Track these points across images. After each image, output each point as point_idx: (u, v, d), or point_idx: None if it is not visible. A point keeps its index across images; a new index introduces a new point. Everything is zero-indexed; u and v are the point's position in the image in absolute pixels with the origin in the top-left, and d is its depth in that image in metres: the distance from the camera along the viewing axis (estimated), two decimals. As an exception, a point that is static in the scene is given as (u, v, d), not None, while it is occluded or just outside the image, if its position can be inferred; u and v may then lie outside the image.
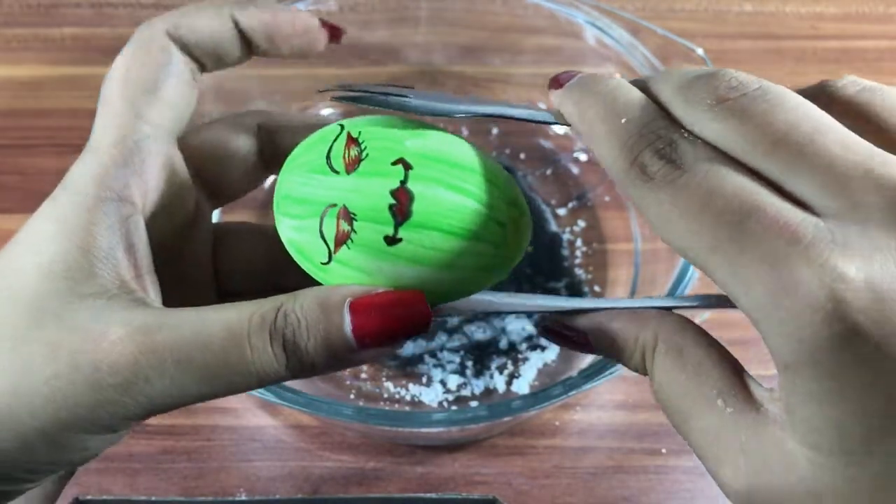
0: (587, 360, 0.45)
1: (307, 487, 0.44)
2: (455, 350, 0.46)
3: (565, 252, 0.49)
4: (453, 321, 0.47)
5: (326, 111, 0.54)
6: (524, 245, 0.25)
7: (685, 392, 0.21)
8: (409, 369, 0.46)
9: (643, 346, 0.22)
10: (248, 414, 0.46)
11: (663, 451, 0.45)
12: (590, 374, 0.37)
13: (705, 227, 0.19)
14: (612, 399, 0.46)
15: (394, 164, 0.22)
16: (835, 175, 0.18)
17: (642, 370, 0.23)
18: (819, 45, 0.60)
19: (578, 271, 0.49)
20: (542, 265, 0.49)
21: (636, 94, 0.22)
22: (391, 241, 0.22)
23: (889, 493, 0.18)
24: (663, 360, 0.22)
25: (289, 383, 0.43)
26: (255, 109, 0.30)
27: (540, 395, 0.37)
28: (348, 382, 0.46)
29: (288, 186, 0.24)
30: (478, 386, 0.45)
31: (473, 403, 0.45)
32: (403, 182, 0.22)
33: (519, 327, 0.47)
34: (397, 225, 0.22)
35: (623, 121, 0.21)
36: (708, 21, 0.61)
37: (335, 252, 0.22)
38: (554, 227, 0.50)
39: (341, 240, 0.22)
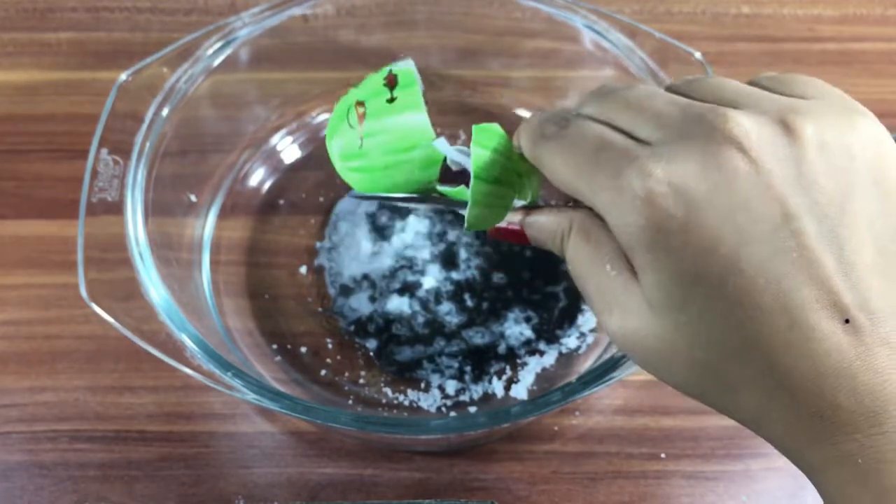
0: (586, 365, 0.45)
1: (305, 494, 0.43)
2: (453, 355, 0.46)
3: (564, 256, 0.49)
4: (451, 326, 0.47)
5: (324, 116, 0.54)
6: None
7: (587, 260, 0.28)
8: (407, 375, 0.46)
9: (562, 231, 0.30)
10: (246, 420, 0.45)
11: (663, 455, 0.44)
12: (589, 380, 0.37)
13: (576, 159, 0.28)
14: (612, 404, 0.46)
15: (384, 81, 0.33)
16: (661, 118, 0.27)
17: (560, 252, 0.30)
18: (817, 48, 0.60)
19: (577, 275, 0.49)
20: (541, 269, 0.48)
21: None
22: (391, 100, 0.32)
23: (697, 337, 0.25)
24: (574, 239, 0.29)
25: (286, 389, 0.43)
26: None
27: (539, 401, 0.36)
28: (346, 388, 0.46)
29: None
30: (476, 391, 0.45)
31: (472, 409, 0.45)
32: (389, 72, 0.33)
33: (517, 332, 0.46)
34: (391, 89, 0.33)
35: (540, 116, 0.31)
36: (706, 24, 0.61)
37: (361, 126, 0.33)
38: (552, 230, 0.50)
39: (361, 117, 0.33)
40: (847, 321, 0.24)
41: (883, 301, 0.24)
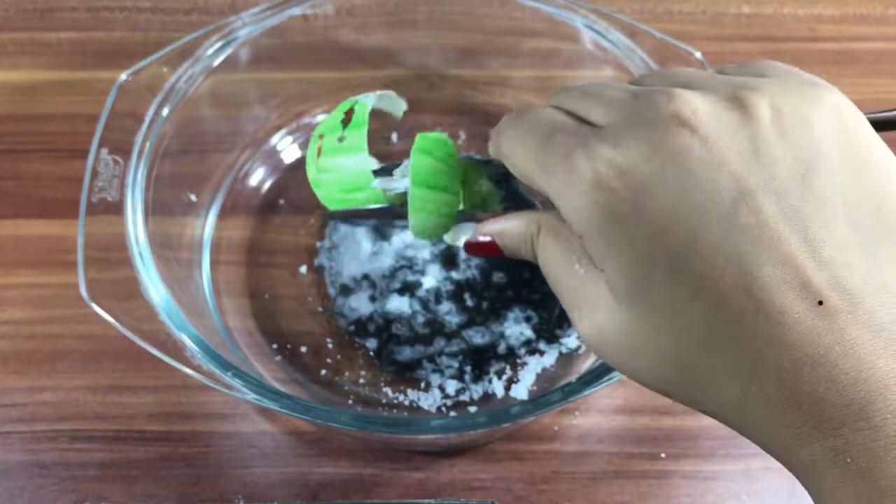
0: (586, 365, 0.45)
1: (305, 494, 0.43)
2: (453, 355, 0.46)
3: (564, 256, 0.49)
4: (451, 326, 0.47)
5: (324, 116, 0.54)
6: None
7: (557, 261, 0.28)
8: (407, 374, 0.46)
9: (531, 234, 0.29)
10: (246, 420, 0.45)
11: (663, 455, 0.44)
12: (589, 380, 0.37)
13: (531, 144, 0.27)
14: (612, 404, 0.46)
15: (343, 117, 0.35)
16: (612, 102, 0.26)
17: (532, 256, 0.30)
18: (817, 47, 0.60)
19: (577, 275, 0.49)
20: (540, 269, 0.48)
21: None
22: (341, 139, 0.34)
23: (662, 327, 0.24)
24: (544, 240, 0.28)
25: (286, 389, 0.43)
26: None
27: (539, 400, 0.36)
28: (346, 388, 0.46)
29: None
30: (476, 391, 0.45)
31: (472, 408, 0.45)
32: (350, 108, 0.35)
33: (518, 332, 0.46)
34: (344, 127, 0.34)
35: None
36: (706, 23, 0.61)
37: (318, 160, 0.34)
38: (552, 230, 0.50)
39: (319, 151, 0.34)
40: (820, 303, 0.22)
41: (860, 279, 0.22)
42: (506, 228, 0.31)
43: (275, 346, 0.47)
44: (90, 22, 0.60)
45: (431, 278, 0.48)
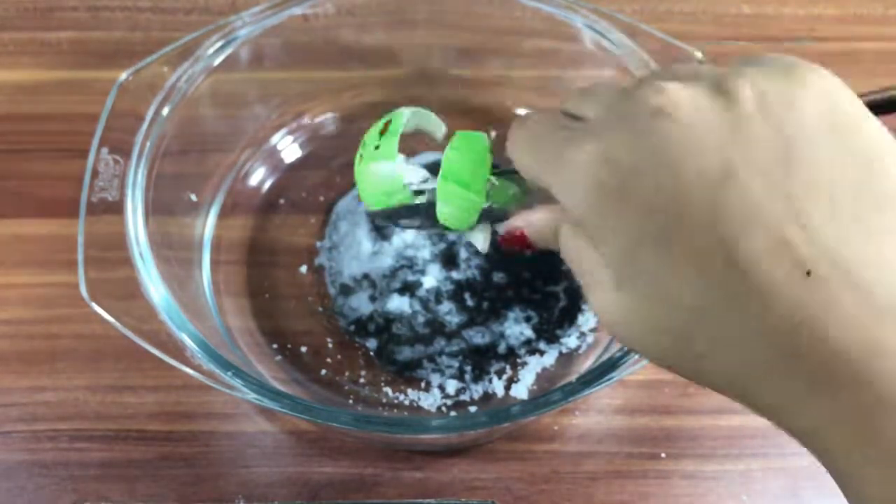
0: (586, 365, 0.45)
1: (306, 493, 0.43)
2: (453, 355, 0.46)
3: (564, 256, 0.49)
4: (451, 326, 0.47)
5: (324, 116, 0.54)
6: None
7: (575, 248, 0.28)
8: (407, 374, 0.46)
9: (555, 226, 0.30)
10: (247, 420, 0.45)
11: (663, 455, 0.44)
12: (589, 380, 0.37)
13: (533, 143, 0.29)
14: (612, 404, 0.46)
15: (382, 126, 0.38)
16: (602, 98, 0.28)
17: (556, 246, 0.31)
18: (817, 48, 0.60)
19: (577, 275, 0.49)
20: (541, 268, 0.48)
21: None
22: (377, 147, 0.36)
23: (656, 303, 0.25)
24: (565, 230, 0.29)
25: (286, 389, 0.43)
26: None
27: (539, 400, 0.37)
28: (346, 388, 0.46)
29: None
30: (476, 391, 0.45)
31: (472, 408, 0.45)
32: (386, 122, 0.37)
33: (518, 332, 0.46)
34: (381, 136, 0.37)
35: None
36: (706, 23, 0.61)
37: (359, 165, 0.37)
38: (552, 230, 0.50)
39: (360, 159, 0.37)
40: (808, 273, 0.23)
41: (847, 249, 0.23)
42: (533, 221, 0.33)
43: (275, 345, 0.47)
44: (90, 22, 0.60)
45: (431, 278, 0.48)
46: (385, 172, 0.36)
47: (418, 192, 0.37)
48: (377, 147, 0.37)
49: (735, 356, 0.24)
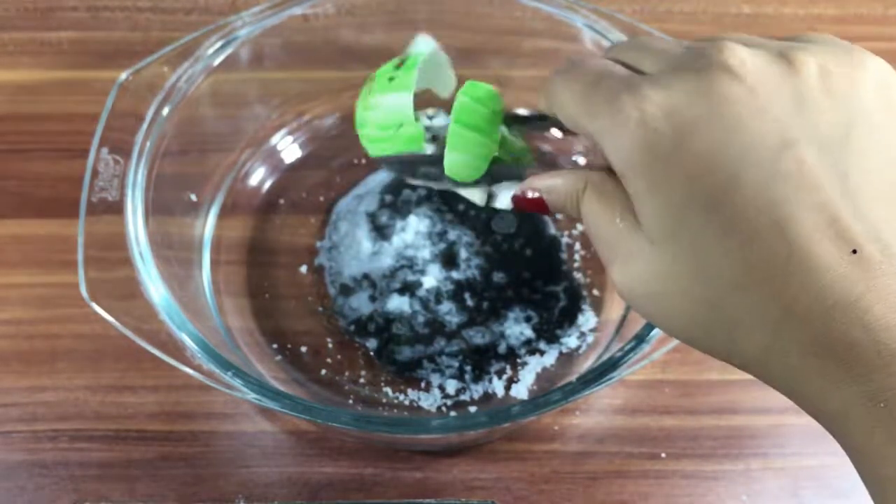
0: (586, 365, 0.45)
1: (306, 493, 0.43)
2: (454, 355, 0.46)
3: (564, 255, 0.49)
4: (451, 326, 0.47)
5: (324, 116, 0.54)
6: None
7: (598, 216, 0.28)
8: (407, 374, 0.46)
9: (577, 191, 0.30)
10: (247, 420, 0.45)
11: (663, 455, 0.44)
12: (589, 380, 0.37)
13: (579, 87, 0.28)
14: (612, 404, 0.46)
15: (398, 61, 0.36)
16: (664, 53, 0.28)
17: (576, 212, 0.30)
18: (818, 47, 0.60)
19: (577, 275, 0.49)
20: (541, 268, 0.48)
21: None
22: (391, 79, 0.35)
23: (694, 268, 0.25)
24: (588, 196, 0.29)
25: (286, 388, 0.43)
26: None
27: (539, 400, 0.36)
28: (346, 388, 0.46)
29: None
30: (476, 391, 0.45)
31: (472, 408, 0.45)
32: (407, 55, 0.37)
33: (518, 332, 0.46)
34: (397, 69, 0.35)
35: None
36: (707, 23, 0.61)
37: (367, 99, 0.36)
38: (552, 230, 0.50)
39: (368, 90, 0.36)
40: (854, 251, 0.23)
41: (895, 232, 0.23)
42: (554, 185, 0.31)
43: (275, 345, 0.47)
44: (90, 22, 0.60)
45: (431, 278, 0.48)
46: (394, 105, 0.34)
47: (429, 134, 0.35)
48: (392, 79, 0.35)
49: (767, 331, 0.24)
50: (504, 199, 0.35)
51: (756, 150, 0.24)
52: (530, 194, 0.32)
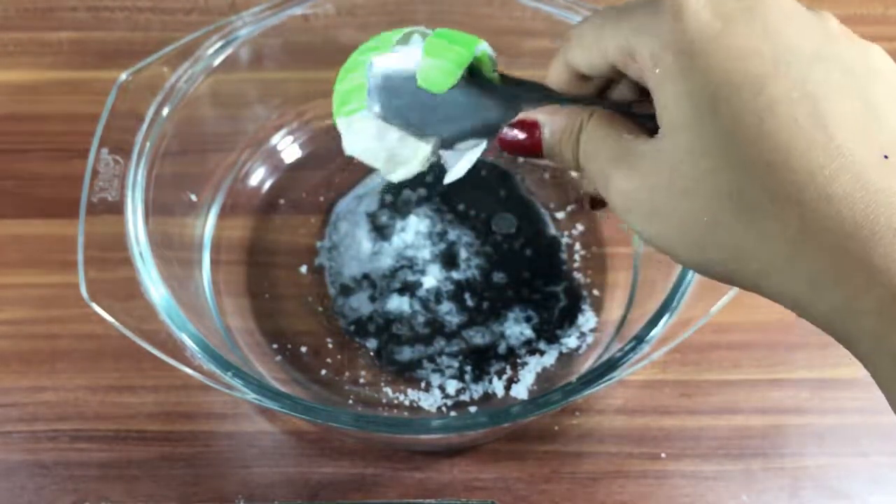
0: (586, 365, 0.45)
1: (306, 493, 0.43)
2: (453, 355, 0.46)
3: (564, 256, 0.49)
4: (451, 326, 0.47)
5: (324, 116, 0.54)
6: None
7: (605, 135, 0.28)
8: (407, 374, 0.46)
9: (580, 122, 0.29)
10: (247, 420, 0.45)
11: (663, 455, 0.44)
12: (589, 380, 0.37)
13: (612, 11, 0.28)
14: (612, 404, 0.46)
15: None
16: None
17: (570, 150, 0.29)
18: (817, 47, 0.60)
19: (577, 275, 0.49)
20: (541, 269, 0.48)
21: None
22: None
23: (717, 152, 0.24)
24: (593, 123, 0.29)
25: (286, 389, 0.43)
26: None
27: (539, 400, 0.36)
28: (346, 388, 0.46)
29: None
30: (476, 391, 0.45)
31: (472, 408, 0.45)
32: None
33: (518, 332, 0.46)
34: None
35: None
36: (706, 23, 0.61)
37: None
38: (553, 230, 0.50)
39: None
40: (886, 157, 0.23)
41: None
42: (553, 117, 0.30)
43: (275, 346, 0.47)
44: (90, 22, 0.60)
45: (431, 278, 0.48)
46: (362, 57, 0.35)
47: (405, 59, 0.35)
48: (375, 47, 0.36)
49: (792, 222, 0.24)
50: (463, 165, 0.34)
51: (795, 54, 0.25)
52: (520, 136, 0.31)
